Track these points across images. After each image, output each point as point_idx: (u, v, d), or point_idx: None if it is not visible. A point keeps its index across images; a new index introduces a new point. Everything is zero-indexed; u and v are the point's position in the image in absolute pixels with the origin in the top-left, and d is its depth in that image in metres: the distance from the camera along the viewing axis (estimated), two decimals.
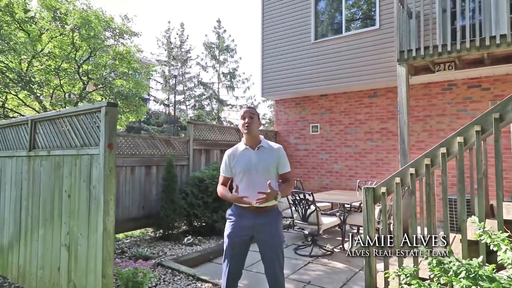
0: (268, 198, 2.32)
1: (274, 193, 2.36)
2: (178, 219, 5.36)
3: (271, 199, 2.37)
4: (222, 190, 2.60)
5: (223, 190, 2.60)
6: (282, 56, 8.76)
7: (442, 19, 5.55)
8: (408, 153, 5.86)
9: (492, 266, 2.00)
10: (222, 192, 2.59)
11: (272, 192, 2.35)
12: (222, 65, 23.08)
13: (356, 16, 8.14)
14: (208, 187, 5.48)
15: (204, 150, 6.93)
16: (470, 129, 2.72)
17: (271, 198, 2.35)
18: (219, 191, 2.62)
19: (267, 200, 2.33)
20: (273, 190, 2.36)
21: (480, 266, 2.02)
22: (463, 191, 2.71)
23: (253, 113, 2.58)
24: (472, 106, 6.86)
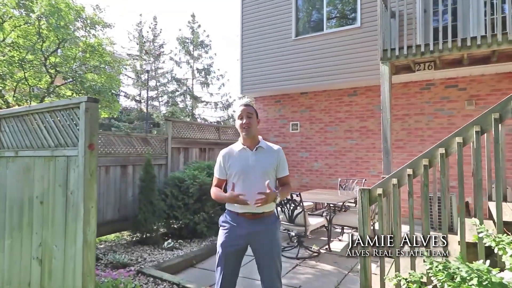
0: (268, 199, 2.16)
1: (274, 194, 2.20)
2: (157, 222, 5.08)
3: (270, 201, 2.21)
4: (216, 192, 2.40)
5: (217, 191, 2.40)
6: (262, 52, 8.59)
7: (424, 19, 5.59)
8: (390, 152, 5.88)
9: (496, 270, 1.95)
10: (216, 193, 2.39)
11: (272, 193, 2.18)
12: (196, 61, 22.56)
13: (337, 14, 8.11)
14: (189, 187, 5.22)
15: (182, 148, 6.64)
16: (469, 129, 2.68)
17: (270, 200, 2.18)
18: (213, 193, 2.42)
19: (267, 201, 2.16)
20: (272, 191, 2.19)
21: (489, 271, 1.96)
22: (463, 193, 2.66)
23: (251, 112, 2.39)
24: (449, 105, 7.01)
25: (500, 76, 6.57)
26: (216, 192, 2.40)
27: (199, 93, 22.72)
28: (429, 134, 7.17)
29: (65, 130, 2.26)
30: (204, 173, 5.50)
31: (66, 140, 2.26)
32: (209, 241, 5.25)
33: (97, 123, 2.13)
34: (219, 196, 2.37)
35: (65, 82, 7.10)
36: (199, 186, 5.22)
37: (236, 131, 8.60)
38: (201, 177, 5.30)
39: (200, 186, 5.23)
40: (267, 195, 2.16)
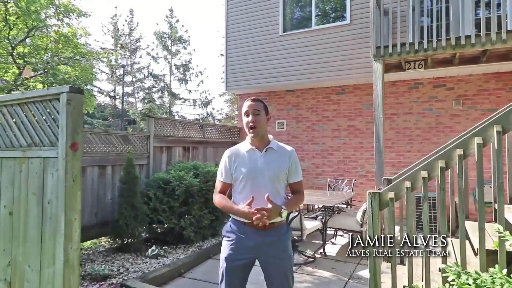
0: (270, 215, 1.87)
1: (277, 209, 1.92)
2: (140, 227, 4.67)
3: (273, 217, 1.92)
4: (222, 200, 2.08)
5: (223, 199, 2.09)
6: (248, 48, 8.28)
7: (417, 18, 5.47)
8: (383, 151, 5.75)
9: None
10: (223, 203, 2.07)
11: (274, 208, 1.90)
12: (174, 57, 21.88)
13: (326, 10, 7.93)
14: (175, 189, 4.85)
15: (165, 147, 6.24)
16: (489, 129, 2.50)
17: (273, 216, 1.90)
18: (218, 201, 2.11)
19: (269, 218, 1.87)
20: (274, 205, 1.91)
21: None
22: (482, 196, 2.48)
23: (258, 108, 2.10)
24: (437, 105, 7.00)
25: (487, 76, 6.61)
26: (223, 202, 2.08)
27: (177, 89, 22.13)
28: (417, 134, 7.14)
29: (41, 126, 1.87)
30: (191, 174, 5.14)
31: (42, 138, 1.87)
32: (196, 247, 4.90)
33: (82, 118, 1.78)
34: (226, 207, 2.06)
35: (35, 74, 6.50)
36: (185, 188, 4.86)
37: (220, 129, 8.26)
38: (188, 179, 4.94)
39: (186, 188, 4.87)
40: (269, 211, 1.88)
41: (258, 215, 1.86)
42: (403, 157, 7.26)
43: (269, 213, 1.88)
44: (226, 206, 2.06)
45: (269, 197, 1.95)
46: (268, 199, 1.92)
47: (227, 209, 2.07)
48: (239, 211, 1.96)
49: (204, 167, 5.46)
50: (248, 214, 1.89)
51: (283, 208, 1.96)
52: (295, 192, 2.15)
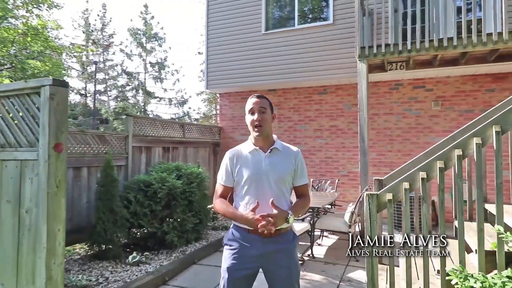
0: (276, 222, 1.74)
1: (283, 214, 1.79)
2: (119, 233, 4.39)
3: (279, 224, 1.78)
4: (223, 205, 1.92)
5: (224, 205, 1.92)
6: (229, 46, 8.11)
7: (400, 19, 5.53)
8: (368, 152, 5.75)
9: None
10: (224, 208, 1.91)
11: (280, 213, 1.77)
12: (149, 54, 21.24)
13: (309, 9, 7.89)
14: (156, 192, 4.61)
15: (144, 147, 5.95)
16: (488, 129, 2.49)
17: (279, 222, 1.77)
18: (218, 206, 1.94)
19: (275, 225, 1.74)
20: (280, 211, 1.78)
21: None
22: (481, 197, 2.47)
23: (264, 105, 1.96)
24: (416, 106, 7.12)
25: (464, 78, 6.79)
26: (224, 207, 1.91)
27: (152, 88, 21.51)
28: (398, 134, 7.23)
29: (17, 124, 1.63)
30: (173, 175, 4.91)
31: (19, 138, 1.63)
32: (179, 252, 4.68)
33: (66, 115, 1.56)
34: (229, 213, 1.89)
35: (1, 68, 6.01)
36: (168, 190, 4.63)
37: (201, 129, 8.03)
38: (171, 180, 4.71)
39: (169, 190, 4.65)
40: (274, 217, 1.74)
41: (263, 222, 1.72)
42: (384, 157, 7.33)
43: (274, 219, 1.74)
44: (227, 212, 1.90)
45: (274, 202, 1.81)
46: (273, 204, 1.78)
47: (229, 215, 1.91)
48: (242, 217, 1.81)
49: (186, 168, 5.24)
50: (252, 221, 1.74)
51: (290, 213, 1.83)
52: (300, 196, 2.02)
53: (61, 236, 1.55)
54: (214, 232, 5.86)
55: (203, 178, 5.26)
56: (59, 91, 1.53)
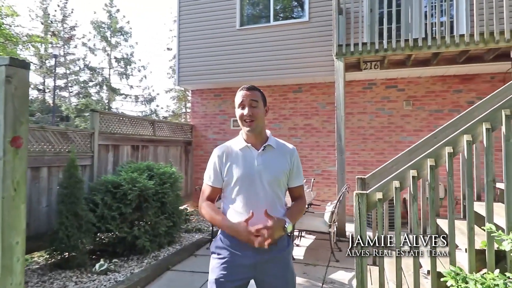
0: (273, 234, 1.56)
1: (280, 224, 1.60)
2: (84, 239, 4.01)
3: (277, 235, 1.60)
4: (211, 211, 1.71)
5: (211, 210, 1.71)
6: (202, 41, 7.82)
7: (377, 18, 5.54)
8: (344, 150, 5.74)
9: None
10: (212, 215, 1.70)
11: (276, 224, 1.59)
12: (114, 49, 20.26)
13: (285, 6, 7.78)
14: (126, 194, 4.27)
15: (112, 146, 5.55)
16: (478, 126, 2.46)
17: (277, 233, 1.59)
18: (205, 211, 1.73)
19: (272, 237, 1.56)
20: (276, 220, 1.59)
21: None
22: (472, 195, 2.43)
23: (256, 98, 1.75)
24: (389, 105, 7.22)
25: (434, 79, 6.97)
26: (212, 213, 1.70)
27: (117, 84, 20.56)
28: (371, 133, 7.30)
29: None
30: (145, 175, 4.59)
31: None
32: (151, 257, 4.37)
33: (27, 102, 1.28)
34: (218, 222, 1.69)
35: None
36: (139, 191, 4.31)
37: (172, 127, 7.68)
38: (142, 181, 4.39)
39: (140, 191, 4.32)
40: (270, 229, 1.56)
41: (259, 238, 1.53)
42: (357, 155, 7.38)
43: (271, 231, 1.55)
44: (215, 219, 1.69)
45: (268, 206, 1.63)
46: (266, 214, 1.59)
47: (216, 223, 1.70)
48: (232, 228, 1.61)
49: (159, 167, 4.93)
50: (243, 234, 1.56)
51: (287, 221, 1.64)
52: (296, 198, 1.84)
53: (20, 251, 1.28)
54: (188, 235, 5.58)
55: (176, 179, 4.97)
56: (19, 74, 1.25)
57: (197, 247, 4.97)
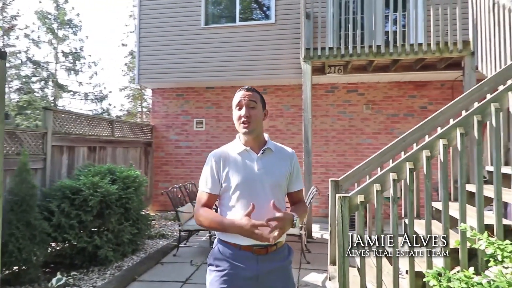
0: (284, 226, 1.50)
1: (289, 217, 1.52)
2: (38, 251, 3.62)
3: (287, 229, 1.54)
4: (209, 215, 1.59)
5: (210, 214, 1.59)
6: (165, 38, 7.53)
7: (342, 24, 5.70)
8: (311, 152, 5.82)
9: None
10: (211, 218, 1.58)
11: (287, 216, 1.51)
12: (61, 42, 18.79)
13: (251, 6, 7.73)
14: (87, 200, 3.93)
15: (67, 147, 5.10)
16: (452, 131, 2.58)
17: (287, 227, 1.52)
18: (203, 217, 1.59)
19: (283, 230, 1.50)
20: (285, 213, 1.52)
21: None
22: (447, 197, 2.54)
23: (254, 99, 1.67)
24: (350, 108, 7.47)
25: (391, 84, 7.34)
26: (211, 217, 1.58)
27: (65, 80, 19.11)
28: (333, 135, 7.51)
29: None
30: (107, 179, 4.26)
31: None
32: (115, 268, 4.07)
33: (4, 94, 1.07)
34: (218, 223, 1.56)
35: None
36: (101, 197, 3.99)
37: (132, 127, 7.29)
38: (104, 186, 4.07)
39: (103, 197, 4.01)
40: (282, 220, 1.48)
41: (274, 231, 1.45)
42: (320, 157, 7.54)
43: (281, 223, 1.47)
44: (214, 221, 1.57)
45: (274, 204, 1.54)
46: (274, 206, 1.51)
47: (215, 226, 1.57)
48: (234, 225, 1.49)
49: (121, 171, 4.62)
50: (246, 227, 1.44)
51: (295, 216, 1.57)
52: (297, 202, 1.77)
53: None
54: (151, 241, 5.30)
55: (141, 183, 4.69)
56: None
57: (163, 254, 4.73)
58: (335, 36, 5.76)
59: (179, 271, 4.13)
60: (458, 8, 5.28)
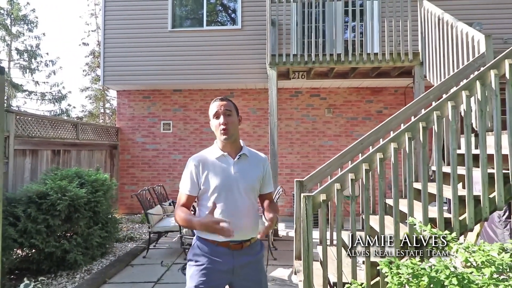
0: (272, 226, 1.71)
1: (276, 218, 1.75)
2: (4, 257, 3.55)
3: (274, 226, 1.77)
4: (185, 215, 1.72)
5: (185, 214, 1.73)
6: (130, 40, 7.47)
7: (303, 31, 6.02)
8: (277, 154, 6.07)
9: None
10: (185, 217, 1.72)
11: (275, 217, 1.74)
12: (15, 39, 17.76)
13: (218, 11, 7.88)
14: (54, 204, 3.90)
15: (30, 151, 4.98)
16: (402, 135, 2.92)
17: (274, 225, 1.74)
18: (180, 217, 1.75)
19: (271, 228, 1.71)
20: (274, 214, 1.73)
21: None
22: (397, 195, 2.88)
23: (229, 108, 1.86)
24: (313, 112, 7.86)
25: (350, 90, 7.81)
26: (184, 216, 1.72)
27: (19, 79, 18.08)
28: (297, 137, 7.85)
29: None
30: (75, 183, 4.23)
31: None
32: (84, 271, 4.07)
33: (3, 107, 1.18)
34: (188, 222, 1.71)
35: None
36: (70, 201, 3.98)
37: (97, 129, 7.18)
38: (73, 190, 4.05)
39: (71, 201, 3.99)
40: (275, 219, 1.71)
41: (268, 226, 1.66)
42: (285, 158, 7.85)
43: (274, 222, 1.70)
44: (185, 219, 1.71)
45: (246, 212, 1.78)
46: (268, 207, 1.72)
47: (189, 225, 1.72)
48: (200, 224, 1.62)
49: (89, 174, 4.60)
50: (209, 224, 1.56)
51: (277, 217, 1.79)
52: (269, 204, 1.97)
53: None
54: (119, 244, 5.30)
55: (110, 186, 4.70)
56: None
57: (133, 256, 4.77)
58: (299, 43, 6.06)
59: (150, 272, 4.21)
60: (409, 21, 5.78)
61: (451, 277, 2.02)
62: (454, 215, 2.82)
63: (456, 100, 2.89)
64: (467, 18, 6.01)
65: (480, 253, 2.14)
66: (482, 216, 2.84)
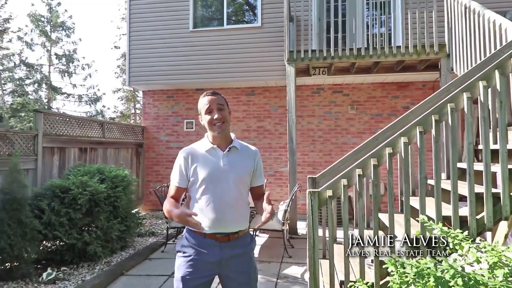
0: (270, 218, 1.69)
1: (272, 210, 1.73)
2: (29, 247, 3.78)
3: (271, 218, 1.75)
4: (169, 207, 1.73)
5: (169, 206, 1.73)
6: (154, 41, 7.70)
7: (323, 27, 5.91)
8: (295, 152, 6.01)
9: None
10: (168, 209, 1.72)
11: (272, 210, 1.72)
12: (55, 45, 18.89)
13: (238, 10, 7.93)
14: (76, 198, 4.10)
15: (58, 148, 5.27)
16: (412, 129, 2.79)
17: (270, 218, 1.72)
18: (164, 207, 1.77)
19: (269, 219, 1.70)
20: (271, 207, 1.72)
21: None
22: (408, 191, 2.75)
23: (221, 102, 1.87)
24: (335, 109, 7.69)
25: (375, 85, 7.56)
26: (168, 208, 1.73)
27: (59, 83, 19.20)
28: (319, 135, 7.72)
29: None
30: (96, 179, 4.43)
31: None
32: (104, 263, 4.24)
33: None
34: (169, 213, 1.71)
35: None
36: (90, 196, 4.16)
37: (123, 128, 7.46)
38: (93, 185, 4.24)
39: (92, 195, 4.18)
40: (272, 212, 1.69)
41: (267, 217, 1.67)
42: (307, 156, 7.75)
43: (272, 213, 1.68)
44: (169, 210, 1.71)
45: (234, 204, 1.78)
46: (267, 199, 1.71)
47: (168, 215, 1.72)
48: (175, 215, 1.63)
49: (110, 171, 4.79)
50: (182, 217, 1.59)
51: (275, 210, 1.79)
52: (259, 197, 1.97)
53: None
54: (141, 239, 5.47)
55: (129, 182, 4.87)
56: None
57: (152, 250, 4.91)
58: (318, 39, 5.97)
59: (166, 266, 4.31)
60: (434, 12, 5.51)
61: (456, 277, 1.90)
62: (470, 213, 2.65)
63: (472, 91, 2.71)
64: (499, 6, 5.63)
65: (492, 253, 2.00)
66: (502, 215, 2.64)
